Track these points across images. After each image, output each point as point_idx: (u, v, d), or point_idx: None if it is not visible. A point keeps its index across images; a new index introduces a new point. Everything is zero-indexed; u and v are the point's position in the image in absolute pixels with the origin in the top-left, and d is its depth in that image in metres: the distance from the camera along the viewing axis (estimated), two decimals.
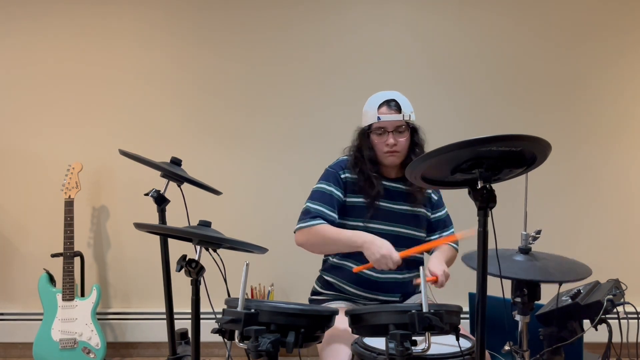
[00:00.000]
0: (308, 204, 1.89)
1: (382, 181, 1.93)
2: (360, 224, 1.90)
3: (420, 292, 1.30)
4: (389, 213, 1.93)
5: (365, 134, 1.92)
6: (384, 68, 2.91)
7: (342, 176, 1.92)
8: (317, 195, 1.89)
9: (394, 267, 1.70)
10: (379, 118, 1.87)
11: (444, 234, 2.02)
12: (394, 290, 1.93)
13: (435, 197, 2.02)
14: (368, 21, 2.92)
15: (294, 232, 1.90)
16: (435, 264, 1.81)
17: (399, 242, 1.88)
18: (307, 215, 1.86)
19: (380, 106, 1.89)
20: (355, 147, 1.95)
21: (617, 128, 2.92)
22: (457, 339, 1.34)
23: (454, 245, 2.01)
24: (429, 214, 2.01)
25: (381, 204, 1.91)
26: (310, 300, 2.06)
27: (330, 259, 2.00)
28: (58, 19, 2.92)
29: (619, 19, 2.89)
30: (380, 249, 1.70)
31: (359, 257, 1.86)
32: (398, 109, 1.87)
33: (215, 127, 2.95)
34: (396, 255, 1.70)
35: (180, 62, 2.94)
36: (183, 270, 1.52)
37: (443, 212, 2.04)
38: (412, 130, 1.92)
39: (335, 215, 1.87)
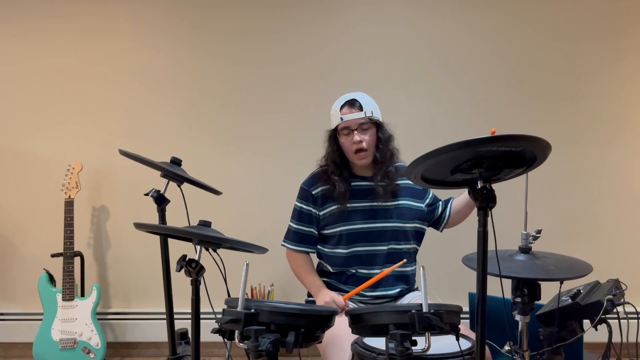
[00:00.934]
0: (290, 224, 2.06)
1: (354, 181, 1.99)
2: (337, 228, 1.96)
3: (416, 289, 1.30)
4: (364, 211, 1.97)
5: (333, 137, 2.00)
6: (384, 68, 2.91)
7: (313, 192, 2.01)
8: (295, 214, 2.05)
9: (340, 309, 1.83)
10: (342, 119, 1.93)
11: (448, 202, 2.10)
12: (387, 285, 1.96)
13: (420, 187, 2.05)
14: (367, 21, 2.92)
15: (282, 245, 2.07)
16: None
17: (383, 236, 1.96)
18: (291, 236, 2.04)
19: (342, 107, 1.95)
20: (326, 153, 2.03)
21: (618, 128, 2.92)
22: (457, 339, 1.34)
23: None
24: (417, 204, 2.04)
25: (355, 204, 1.97)
26: (307, 302, 2.07)
27: (323, 263, 2.06)
28: (58, 20, 2.92)
29: (619, 18, 2.89)
30: (324, 300, 1.88)
31: (354, 262, 1.96)
32: (359, 108, 1.93)
33: (216, 127, 2.95)
34: (339, 300, 1.85)
35: (180, 62, 2.94)
36: (183, 270, 1.52)
37: (431, 192, 2.10)
38: (377, 127, 1.97)
39: (314, 230, 2.02)
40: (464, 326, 1.47)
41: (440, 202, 2.10)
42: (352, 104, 1.94)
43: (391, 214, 1.98)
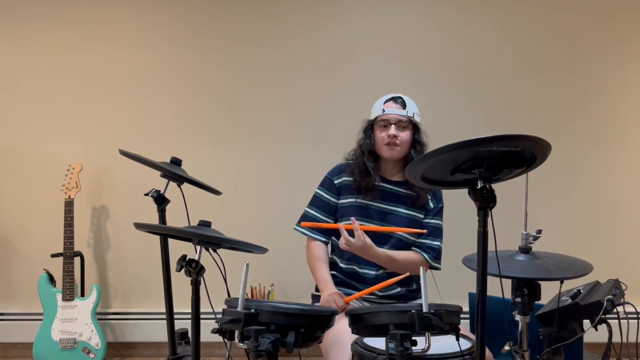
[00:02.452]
0: (306, 209, 2.07)
1: (380, 182, 1.99)
2: (349, 221, 1.94)
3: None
4: (382, 213, 1.97)
5: (369, 126, 2.02)
6: (385, 70, 2.91)
7: (336, 181, 2.04)
8: (313, 200, 2.08)
9: (340, 310, 1.81)
10: (384, 110, 1.97)
11: (423, 241, 2.00)
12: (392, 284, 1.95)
13: (432, 205, 2.02)
14: (369, 24, 2.92)
15: (295, 227, 2.07)
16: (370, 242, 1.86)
17: (389, 241, 1.96)
18: (305, 218, 2.05)
19: (387, 101, 1.99)
20: (358, 143, 2.05)
21: (619, 129, 2.92)
22: (457, 339, 1.34)
23: (425, 255, 1.98)
24: (420, 218, 2.02)
25: (375, 203, 1.97)
26: (314, 296, 2.09)
27: (335, 258, 2.06)
28: (59, 21, 2.92)
29: (623, 22, 2.89)
30: (325, 298, 1.87)
31: (359, 259, 1.95)
32: (403, 105, 1.97)
33: (216, 127, 2.95)
34: (339, 302, 1.83)
35: (181, 62, 2.94)
36: (183, 270, 1.52)
37: (434, 222, 2.01)
38: (415, 128, 1.98)
39: (328, 219, 2.03)
40: (463, 327, 1.47)
41: (426, 240, 2.01)
42: (397, 100, 1.98)
43: (402, 222, 1.98)
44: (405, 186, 2.00)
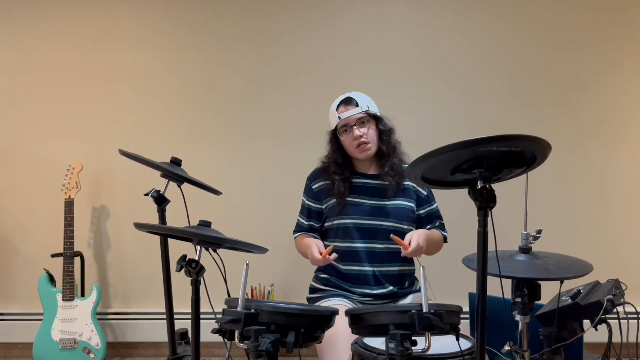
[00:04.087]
0: (298, 217, 2.15)
1: (356, 178, 2.03)
2: (335, 222, 2.01)
3: (418, 290, 1.30)
4: (362, 207, 2.00)
5: (334, 137, 2.05)
6: (385, 71, 2.91)
7: (314, 187, 2.09)
8: (301, 208, 2.14)
9: (321, 262, 1.85)
10: (339, 117, 1.99)
11: (436, 225, 2.11)
12: (384, 283, 1.97)
13: (425, 192, 2.09)
14: (367, 25, 2.92)
15: (294, 236, 2.13)
16: (416, 234, 1.86)
17: (378, 234, 1.99)
18: (296, 227, 2.15)
19: (338, 107, 2.01)
20: (328, 154, 2.09)
21: (618, 128, 2.92)
22: (457, 339, 1.34)
23: (445, 233, 2.11)
24: (414, 207, 2.05)
25: (354, 199, 2.00)
26: (309, 299, 2.09)
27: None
28: (59, 21, 2.92)
29: (623, 20, 2.89)
30: (313, 257, 1.87)
31: (348, 257, 1.98)
32: (355, 104, 1.99)
33: (216, 127, 2.95)
34: (316, 255, 1.84)
35: (181, 63, 2.94)
36: (183, 270, 1.52)
37: (434, 205, 2.11)
38: (376, 120, 2.02)
39: (315, 224, 2.09)
40: (462, 328, 1.47)
41: (435, 221, 2.11)
42: (348, 101, 1.99)
43: (388, 213, 2.00)
44: (383, 178, 2.02)
